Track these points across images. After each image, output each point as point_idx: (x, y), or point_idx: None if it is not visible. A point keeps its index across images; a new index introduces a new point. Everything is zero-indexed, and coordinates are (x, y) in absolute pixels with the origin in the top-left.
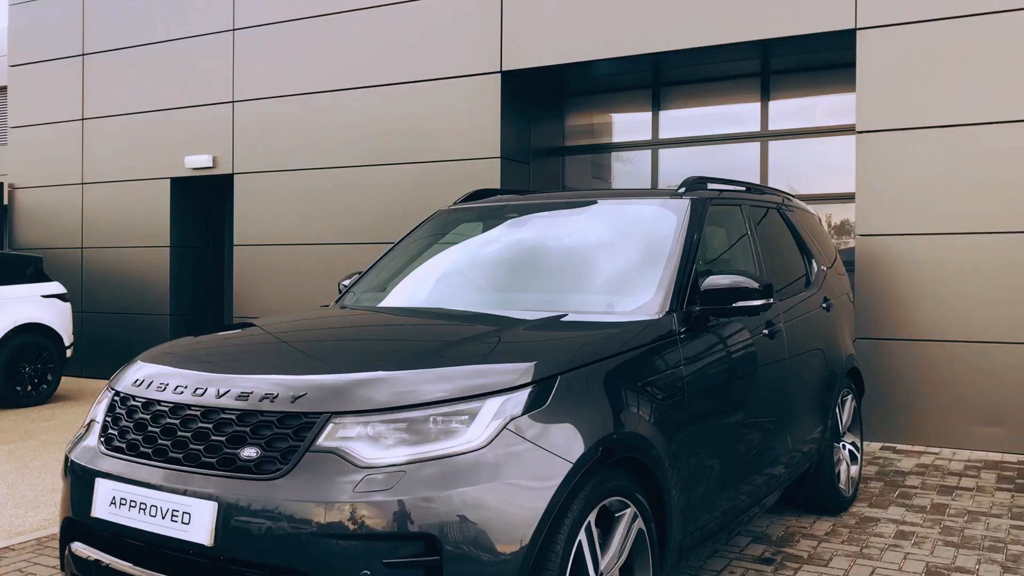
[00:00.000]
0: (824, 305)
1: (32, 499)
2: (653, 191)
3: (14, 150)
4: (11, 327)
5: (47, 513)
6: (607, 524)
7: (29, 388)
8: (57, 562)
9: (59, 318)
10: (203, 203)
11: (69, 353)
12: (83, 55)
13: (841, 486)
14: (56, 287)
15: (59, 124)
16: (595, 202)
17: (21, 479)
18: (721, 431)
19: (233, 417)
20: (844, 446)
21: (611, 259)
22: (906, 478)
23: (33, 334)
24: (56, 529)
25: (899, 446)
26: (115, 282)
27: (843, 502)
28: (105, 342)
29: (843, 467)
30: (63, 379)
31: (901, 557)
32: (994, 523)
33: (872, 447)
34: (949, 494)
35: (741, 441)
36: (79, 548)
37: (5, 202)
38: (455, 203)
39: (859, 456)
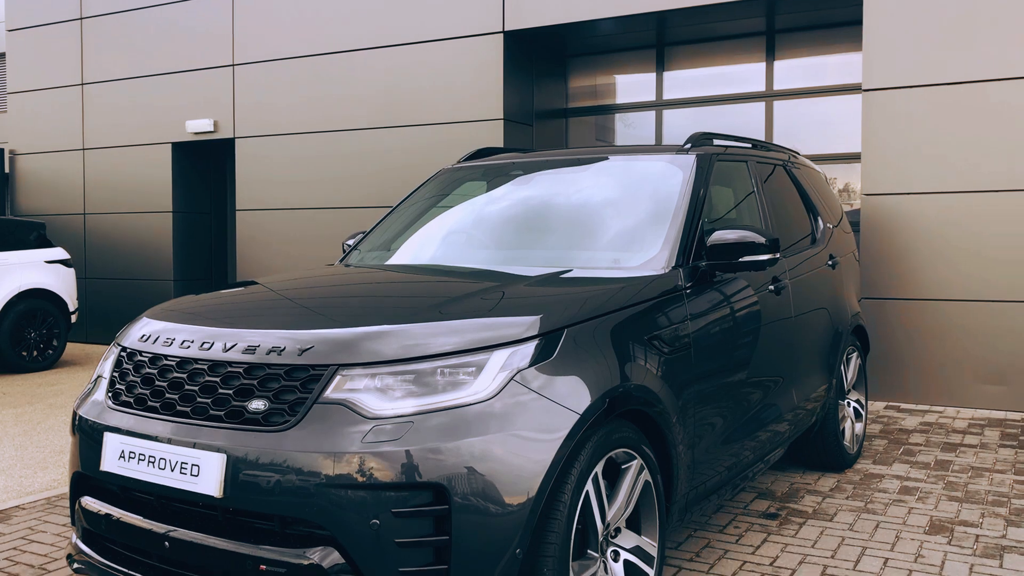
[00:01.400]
0: (830, 263)
1: (40, 460)
2: (659, 147)
3: (14, 116)
4: (15, 292)
5: (55, 474)
6: (614, 476)
7: (35, 353)
8: (66, 519)
9: (63, 283)
10: (205, 168)
11: (74, 318)
12: (81, 19)
13: (846, 443)
14: (60, 253)
15: (59, 89)
16: (600, 159)
17: (29, 441)
18: (727, 386)
19: (240, 370)
20: (849, 403)
21: (617, 215)
22: (910, 436)
23: (38, 299)
24: (64, 489)
25: (903, 405)
26: (118, 248)
27: (848, 459)
28: (109, 308)
29: (848, 424)
30: (68, 345)
31: (905, 512)
32: (997, 479)
33: (876, 406)
34: (953, 451)
35: (746, 396)
36: (89, 502)
37: (6, 169)
38: (459, 161)
39: (864, 413)
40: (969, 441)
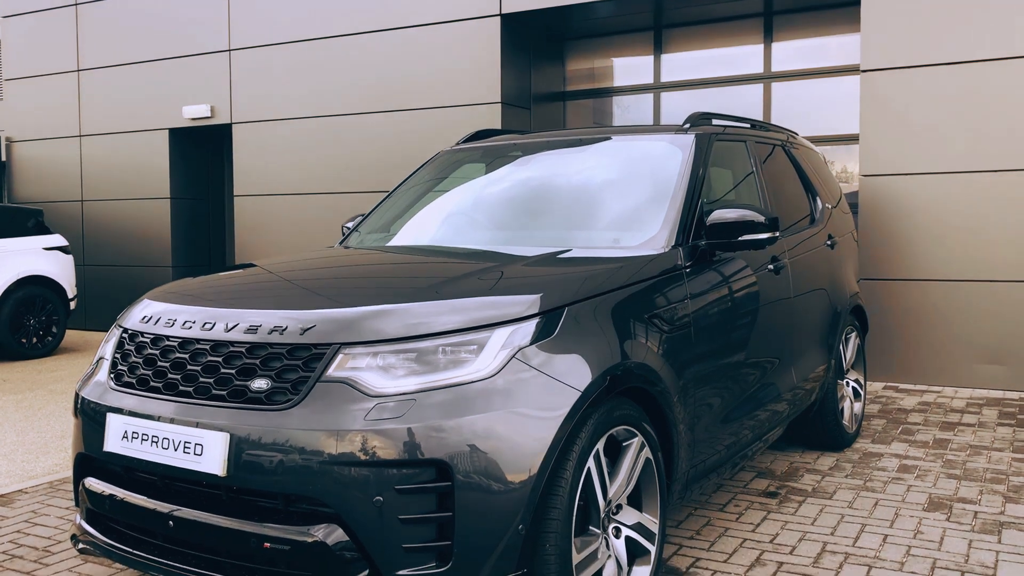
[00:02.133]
0: (829, 242)
1: (42, 445)
2: (658, 127)
3: (10, 103)
4: (14, 279)
5: (57, 458)
6: (615, 453)
7: (34, 340)
8: (69, 502)
9: (62, 270)
10: (202, 154)
11: (73, 305)
12: (76, 4)
13: (845, 422)
14: (58, 239)
15: (55, 76)
16: (600, 139)
17: (30, 427)
18: (726, 364)
19: (243, 350)
20: (848, 383)
21: (616, 195)
22: (909, 415)
23: (36, 286)
24: (67, 473)
25: (902, 385)
26: (116, 235)
27: (847, 438)
28: (108, 295)
29: (847, 404)
30: (67, 332)
31: (904, 489)
32: (996, 456)
33: (875, 387)
34: (951, 430)
35: (745, 375)
36: (93, 483)
37: (3, 156)
38: (458, 143)
39: (862, 393)
40: (967, 420)
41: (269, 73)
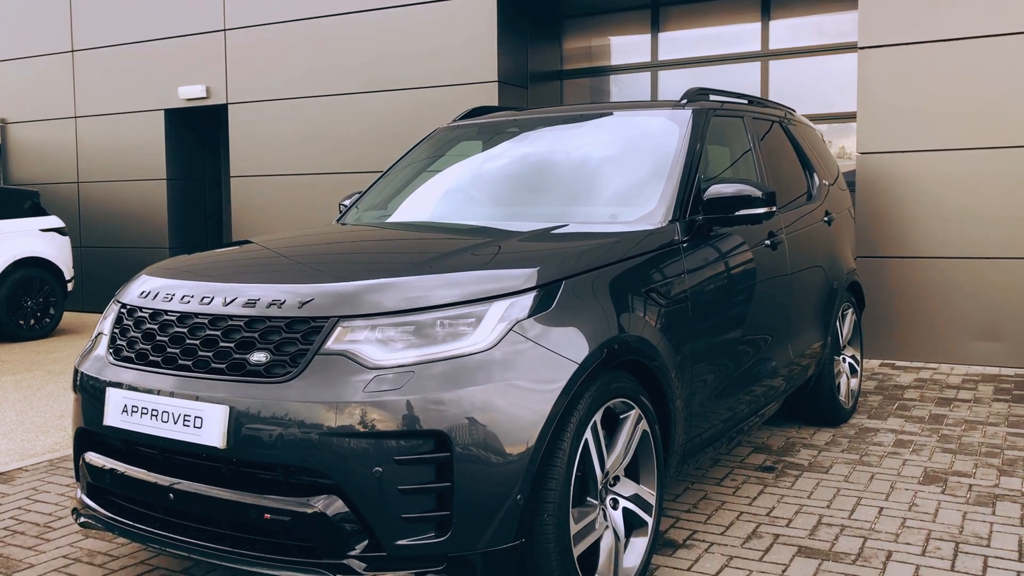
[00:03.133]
0: (826, 219)
1: (42, 424)
2: (655, 102)
3: (4, 85)
4: (11, 261)
5: (57, 437)
6: (613, 426)
7: (32, 322)
8: (69, 480)
9: (59, 252)
10: (199, 135)
11: (70, 287)
12: None
13: (841, 398)
14: (55, 221)
15: (49, 57)
16: (597, 115)
17: (29, 407)
18: (723, 339)
19: (241, 324)
20: (844, 359)
21: (614, 170)
22: (905, 392)
23: (34, 268)
24: (66, 451)
25: (898, 362)
26: (113, 216)
27: (843, 414)
28: (105, 277)
29: (843, 380)
30: (64, 313)
31: (900, 463)
32: (991, 431)
33: (871, 364)
34: (947, 405)
35: (742, 350)
36: (93, 458)
37: None
38: (455, 120)
39: (859, 369)
40: (963, 396)
41: (265, 53)
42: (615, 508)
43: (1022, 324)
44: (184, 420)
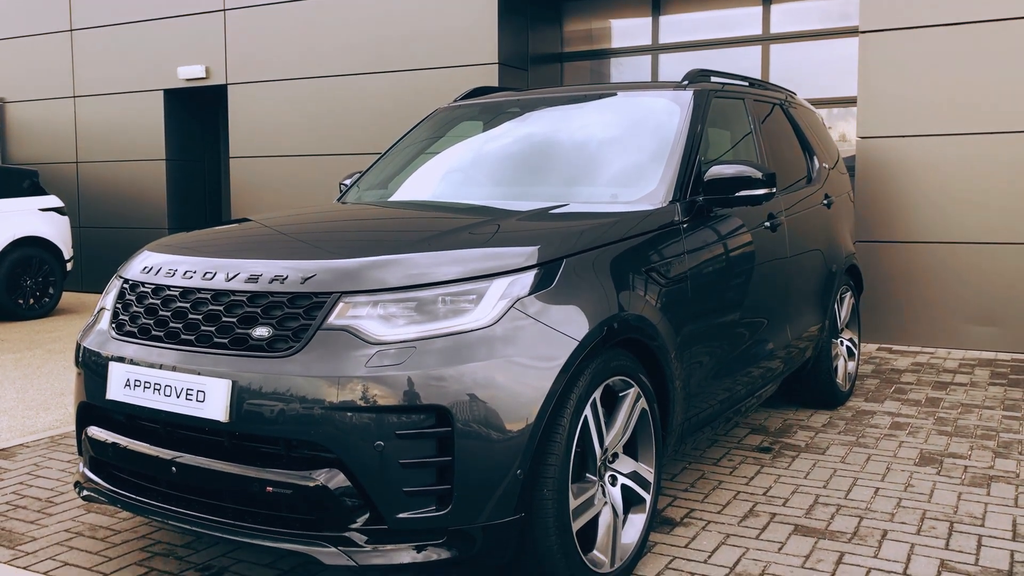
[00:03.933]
0: (825, 202)
1: (42, 402)
2: (656, 83)
3: (3, 64)
4: (10, 240)
5: (58, 414)
6: (612, 404)
7: (31, 301)
8: (71, 456)
9: (58, 231)
10: (198, 115)
11: (69, 266)
12: None
13: (838, 381)
14: (54, 200)
15: (47, 36)
16: (598, 95)
17: (30, 384)
18: (722, 320)
19: (244, 299)
20: (842, 342)
21: (615, 151)
22: (902, 375)
23: (33, 247)
24: (68, 428)
25: (895, 346)
26: (112, 196)
27: (840, 397)
28: (104, 256)
29: (840, 362)
30: (64, 293)
31: (896, 445)
32: (987, 414)
33: (869, 348)
34: (944, 389)
35: (740, 331)
36: (95, 432)
37: None
38: (456, 99)
39: (856, 352)
40: (960, 380)
41: (264, 33)
42: (614, 485)
43: (1019, 309)
44: (187, 394)
